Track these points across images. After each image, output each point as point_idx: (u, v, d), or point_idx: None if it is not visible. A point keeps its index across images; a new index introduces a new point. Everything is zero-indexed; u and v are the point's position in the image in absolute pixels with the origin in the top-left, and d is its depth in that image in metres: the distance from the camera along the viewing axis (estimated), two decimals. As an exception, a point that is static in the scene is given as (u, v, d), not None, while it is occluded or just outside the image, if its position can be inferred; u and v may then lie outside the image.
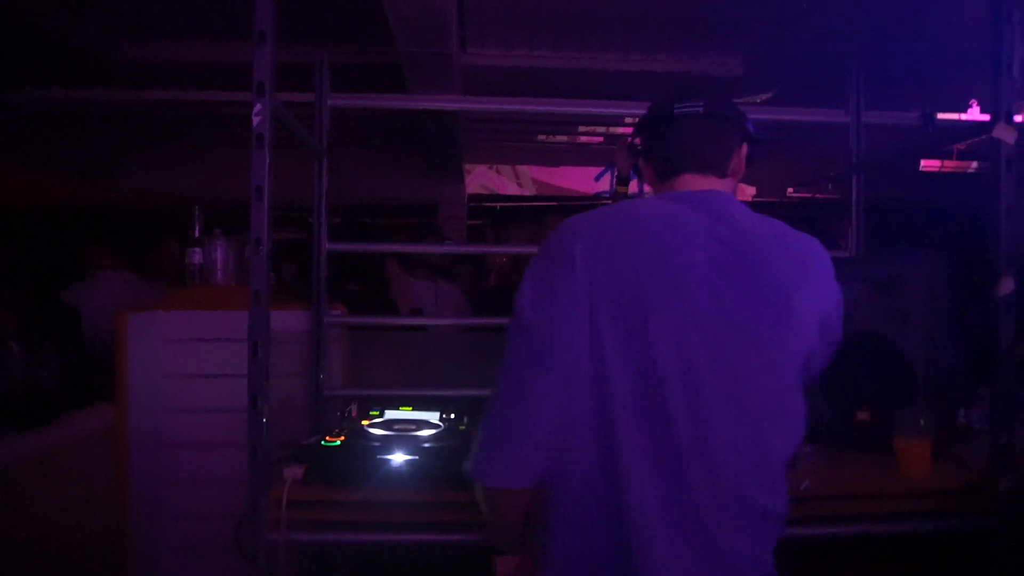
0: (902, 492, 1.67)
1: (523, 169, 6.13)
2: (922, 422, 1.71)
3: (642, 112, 1.20)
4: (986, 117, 1.68)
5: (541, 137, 5.53)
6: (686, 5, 3.45)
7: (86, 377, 2.33)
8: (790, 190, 5.66)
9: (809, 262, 1.09)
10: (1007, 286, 1.64)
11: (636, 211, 1.08)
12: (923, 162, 4.22)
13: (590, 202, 6.02)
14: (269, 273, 1.48)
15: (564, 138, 5.58)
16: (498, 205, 6.16)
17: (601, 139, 5.48)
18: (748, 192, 5.81)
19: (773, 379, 1.04)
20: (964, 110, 2.62)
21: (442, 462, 1.52)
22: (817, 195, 5.53)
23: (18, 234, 4.34)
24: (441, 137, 4.82)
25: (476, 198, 6.29)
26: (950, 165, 4.05)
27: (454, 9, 3.42)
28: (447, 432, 1.67)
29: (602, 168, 6.23)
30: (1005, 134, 1.64)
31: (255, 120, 1.45)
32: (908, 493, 1.66)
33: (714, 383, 1.00)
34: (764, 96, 4.25)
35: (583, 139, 5.52)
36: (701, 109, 1.12)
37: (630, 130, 5.23)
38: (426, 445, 1.58)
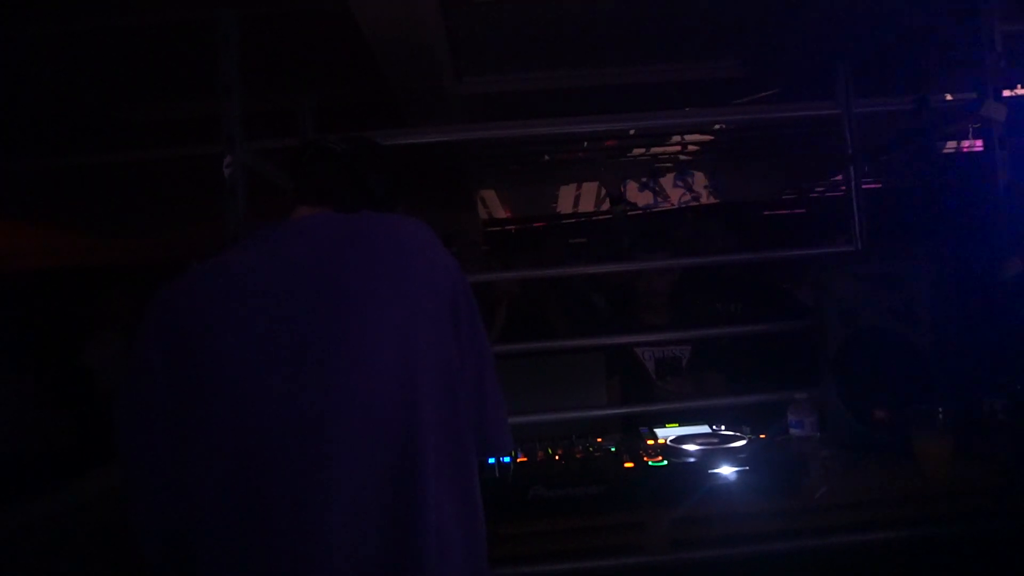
0: (924, 495, 1.59)
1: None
2: (940, 417, 1.64)
3: (647, 123, 1.22)
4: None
5: (547, 157, 5.53)
6: (678, 14, 3.43)
7: (101, 438, 2.36)
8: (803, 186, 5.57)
9: None
10: (1014, 267, 1.57)
11: None
12: (948, 144, 4.12)
13: (596, 218, 5.99)
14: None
15: (577, 155, 5.57)
16: (512, 228, 6.17)
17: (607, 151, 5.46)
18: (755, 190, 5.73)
19: None
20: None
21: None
22: (826, 193, 5.43)
23: (33, 295, 4.46)
24: (448, 167, 4.85)
25: (493, 222, 6.30)
26: (966, 145, 3.94)
27: (445, 44, 3.46)
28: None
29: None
30: (995, 112, 1.58)
31: (226, 172, 1.47)
32: (929, 496, 1.59)
33: None
34: (766, 96, 4.19)
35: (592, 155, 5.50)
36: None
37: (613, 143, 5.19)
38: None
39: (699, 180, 5.74)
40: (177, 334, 1.02)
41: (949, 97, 1.88)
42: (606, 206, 5.78)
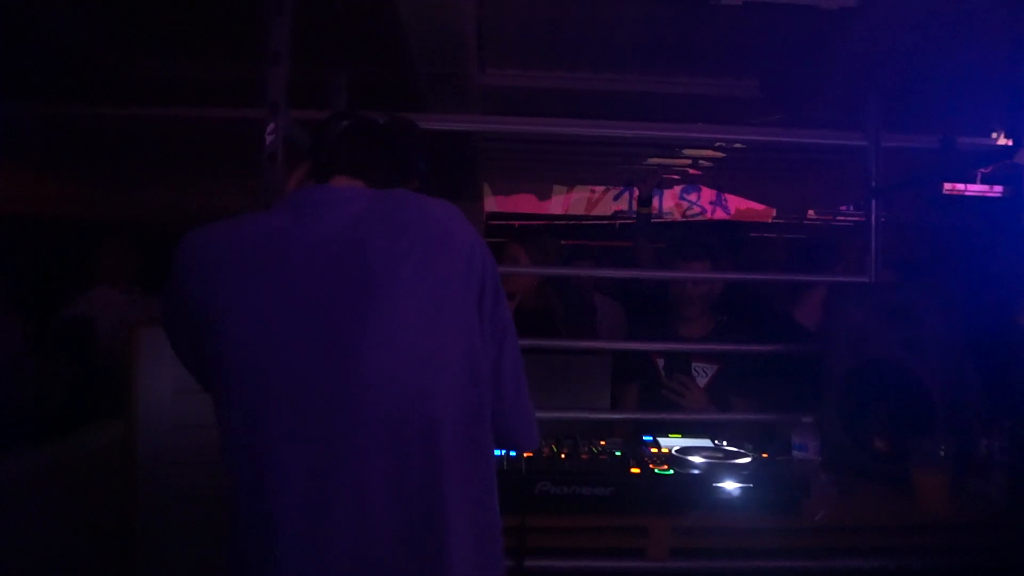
0: (919, 525, 1.62)
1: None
2: (942, 452, 1.67)
3: (656, 134, 1.21)
4: (1009, 142, 1.66)
5: (561, 158, 5.53)
6: (703, 30, 3.45)
7: (98, 392, 2.34)
8: (811, 212, 5.62)
9: None
10: (1030, 315, 1.61)
11: None
12: (946, 184, 4.17)
13: (608, 221, 6.02)
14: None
15: (586, 158, 5.58)
16: (516, 223, 6.17)
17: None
18: (768, 214, 5.77)
19: None
20: (987, 135, 2.59)
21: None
22: (838, 218, 5.48)
23: (38, 243, 4.40)
24: (459, 156, 4.84)
25: (495, 216, 6.30)
26: (974, 189, 3.99)
27: (474, 31, 3.45)
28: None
29: (620, 188, 6.22)
30: (1027, 160, 1.61)
31: (268, 139, 1.47)
32: (925, 526, 1.62)
33: None
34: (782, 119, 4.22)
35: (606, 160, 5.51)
36: None
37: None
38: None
39: (705, 196, 5.77)
40: (198, 281, 1.01)
41: (980, 141, 1.91)
42: (613, 209, 5.79)
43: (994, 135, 2.61)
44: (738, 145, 4.65)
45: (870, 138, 2.16)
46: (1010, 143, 1.60)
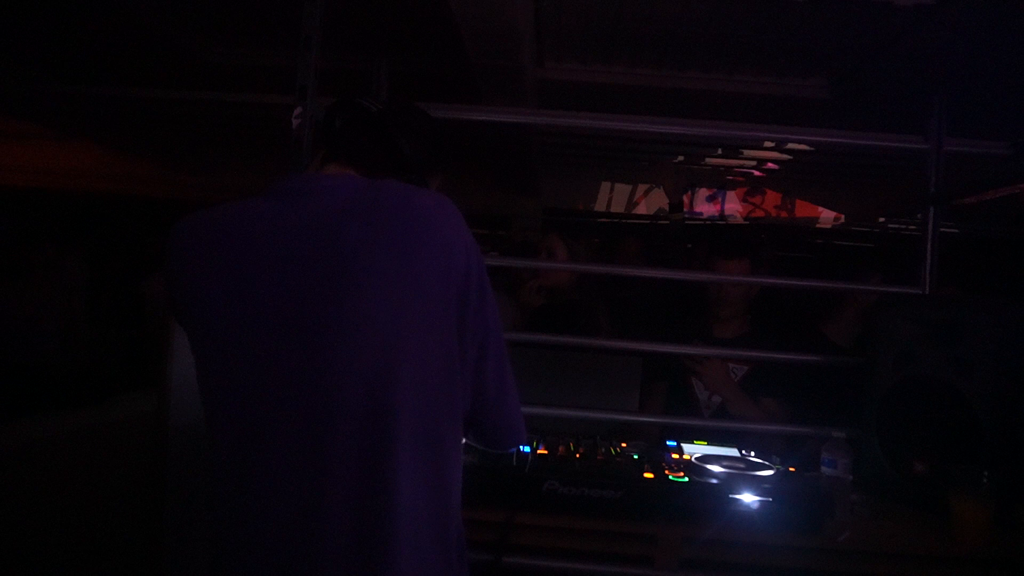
0: (954, 557, 1.52)
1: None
2: (985, 480, 1.56)
3: (722, 132, 1.16)
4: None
5: (620, 155, 5.46)
6: (770, 27, 3.33)
7: (144, 362, 2.43)
8: (881, 219, 5.37)
9: None
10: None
11: None
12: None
13: (661, 221, 5.90)
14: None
15: (643, 156, 5.49)
16: (573, 219, 6.13)
17: (682, 157, 5.36)
18: (834, 218, 5.55)
19: None
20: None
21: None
22: (909, 226, 5.21)
23: (107, 219, 4.61)
24: (516, 150, 4.83)
25: (552, 212, 6.27)
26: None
27: (531, 24, 3.42)
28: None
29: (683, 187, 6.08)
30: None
31: (294, 123, 1.48)
32: (960, 559, 1.52)
33: None
34: (851, 122, 4.03)
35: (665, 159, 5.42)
36: None
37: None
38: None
39: (770, 199, 5.60)
40: (181, 267, 1.03)
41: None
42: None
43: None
44: (798, 147, 4.47)
45: (931, 141, 2.04)
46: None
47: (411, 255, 0.98)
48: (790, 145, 4.46)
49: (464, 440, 1.15)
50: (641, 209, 6.00)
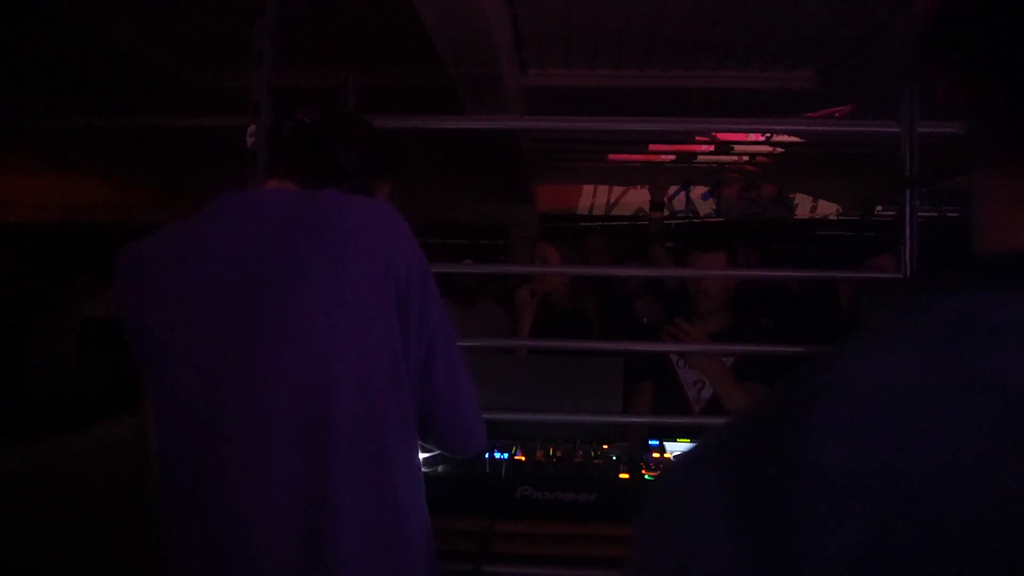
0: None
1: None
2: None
3: (704, 127, 1.14)
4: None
5: (610, 156, 5.46)
6: (755, 21, 3.32)
7: (133, 387, 2.44)
8: (879, 208, 5.33)
9: None
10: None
11: None
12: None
13: (662, 220, 5.88)
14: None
15: (635, 157, 5.48)
16: (567, 224, 6.11)
17: (673, 157, 5.34)
18: (831, 208, 5.51)
19: None
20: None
21: None
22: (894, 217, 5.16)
23: (92, 246, 4.64)
24: (506, 158, 4.83)
25: (548, 217, 6.26)
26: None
27: (509, 34, 3.43)
28: None
29: (677, 187, 6.09)
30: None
31: (249, 141, 1.48)
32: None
33: None
34: (842, 110, 4.01)
35: (654, 158, 5.40)
36: None
37: (702, 147, 5.08)
38: None
39: (766, 193, 5.57)
40: (124, 293, 1.04)
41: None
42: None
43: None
44: (787, 139, 4.45)
45: (904, 125, 2.01)
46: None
47: (344, 263, 0.98)
48: (777, 137, 4.44)
49: (424, 445, 1.15)
50: (622, 210, 6.01)
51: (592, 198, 6.07)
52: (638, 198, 5.87)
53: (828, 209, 5.52)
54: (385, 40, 3.42)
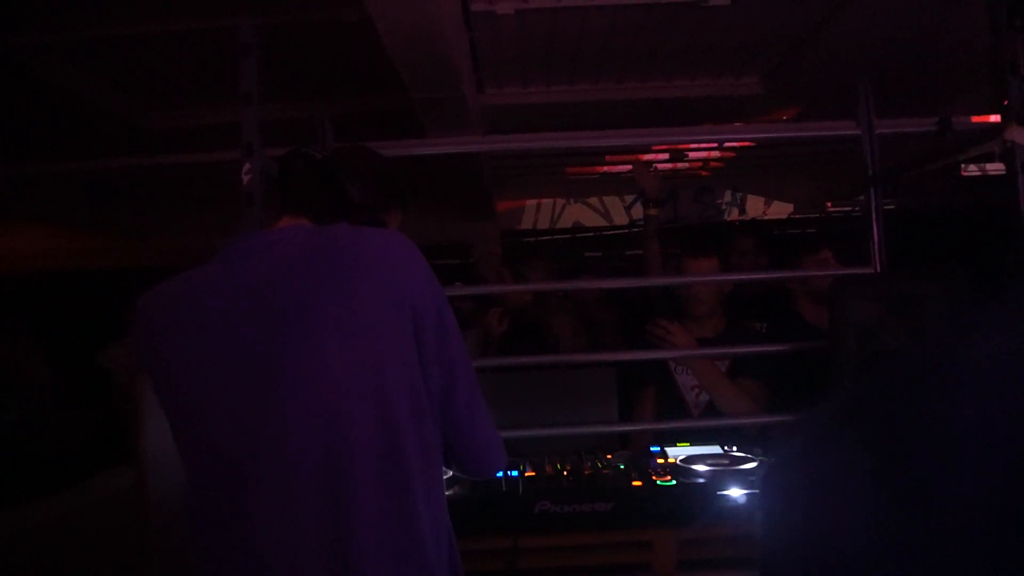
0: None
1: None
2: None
3: (660, 139, 1.18)
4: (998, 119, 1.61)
5: (569, 170, 5.53)
6: (700, 31, 3.43)
7: (115, 439, 2.39)
8: (829, 205, 5.51)
9: None
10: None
11: None
12: (963, 167, 4.04)
13: (624, 231, 5.98)
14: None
15: (593, 169, 5.57)
16: (532, 240, 6.16)
17: (630, 167, 5.44)
18: (785, 209, 5.68)
19: None
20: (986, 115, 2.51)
21: None
22: (857, 209, 5.35)
23: (59, 295, 4.51)
24: (466, 177, 4.86)
25: (509, 233, 6.30)
26: (993, 168, 3.85)
27: (467, 55, 3.47)
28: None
29: (634, 196, 6.20)
30: (1018, 136, 1.56)
31: (245, 179, 1.49)
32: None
33: None
34: (788, 113, 4.17)
35: (612, 169, 5.50)
36: None
37: (658, 156, 5.19)
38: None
39: (721, 197, 5.71)
40: (146, 339, 1.05)
41: (974, 119, 1.86)
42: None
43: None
44: (733, 144, 4.60)
45: (862, 125, 2.12)
46: (999, 119, 1.55)
47: (360, 295, 0.99)
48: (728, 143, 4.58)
49: (449, 471, 1.16)
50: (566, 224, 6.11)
51: (535, 213, 6.14)
52: (587, 213, 5.98)
53: (782, 209, 5.69)
54: (348, 70, 3.44)
